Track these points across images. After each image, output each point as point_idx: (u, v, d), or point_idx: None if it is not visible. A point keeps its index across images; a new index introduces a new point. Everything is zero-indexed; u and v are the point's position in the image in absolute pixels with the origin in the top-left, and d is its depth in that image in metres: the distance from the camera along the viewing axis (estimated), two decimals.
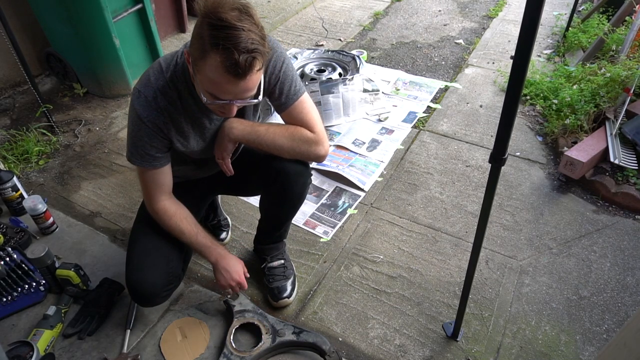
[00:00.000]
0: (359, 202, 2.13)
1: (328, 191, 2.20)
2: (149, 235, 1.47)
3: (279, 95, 1.34)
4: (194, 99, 1.26)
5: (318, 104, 2.49)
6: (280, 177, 1.46)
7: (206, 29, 1.03)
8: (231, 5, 1.03)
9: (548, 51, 3.25)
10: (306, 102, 1.38)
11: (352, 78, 2.57)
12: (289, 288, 1.70)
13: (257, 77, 1.11)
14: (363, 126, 2.57)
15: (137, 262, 1.43)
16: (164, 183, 1.38)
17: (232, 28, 1.01)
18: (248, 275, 1.52)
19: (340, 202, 2.13)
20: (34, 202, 1.88)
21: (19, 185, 2.03)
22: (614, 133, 2.20)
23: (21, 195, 2.04)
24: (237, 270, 1.47)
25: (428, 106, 2.75)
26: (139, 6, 2.71)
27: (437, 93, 2.87)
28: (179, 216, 1.40)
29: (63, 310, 1.64)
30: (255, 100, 1.18)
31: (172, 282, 1.48)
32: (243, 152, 1.58)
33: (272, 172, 1.46)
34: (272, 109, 2.41)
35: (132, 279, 1.42)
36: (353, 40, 3.55)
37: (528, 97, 2.74)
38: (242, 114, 1.39)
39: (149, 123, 1.24)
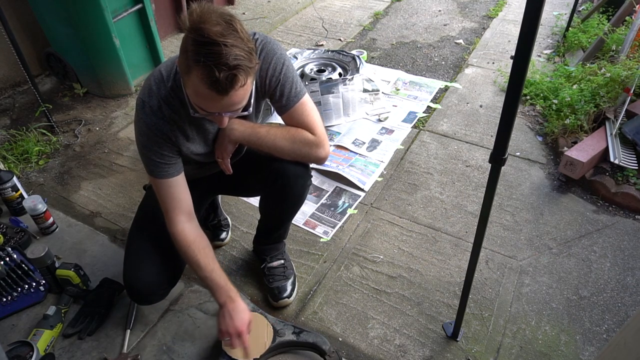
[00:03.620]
0: (359, 202, 2.13)
1: (328, 191, 2.20)
2: (147, 233, 1.47)
3: (280, 98, 1.34)
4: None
5: (318, 104, 2.49)
6: (280, 179, 1.46)
7: (190, 44, 1.02)
8: (215, 20, 1.01)
9: (548, 51, 3.25)
10: (307, 104, 1.38)
11: (352, 78, 2.57)
12: (289, 288, 1.70)
13: (242, 93, 1.08)
14: (363, 126, 2.57)
15: (134, 261, 1.44)
16: (181, 198, 1.34)
17: (214, 44, 0.99)
18: (250, 330, 1.39)
19: (340, 202, 2.13)
20: (34, 202, 1.88)
21: (19, 185, 2.03)
22: (614, 133, 2.20)
23: (21, 195, 2.04)
24: (243, 318, 1.35)
25: (428, 106, 2.75)
26: (139, 6, 2.71)
27: (437, 93, 2.87)
28: (196, 246, 1.33)
29: (63, 310, 1.64)
30: (245, 112, 1.17)
31: (168, 280, 1.48)
32: (244, 153, 1.58)
33: (272, 173, 1.46)
34: (272, 109, 2.41)
35: (128, 277, 1.43)
36: (353, 40, 3.55)
37: (528, 97, 2.74)
38: (243, 115, 1.39)
39: (157, 131, 1.24)
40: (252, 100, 1.19)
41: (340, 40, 3.55)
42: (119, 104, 2.85)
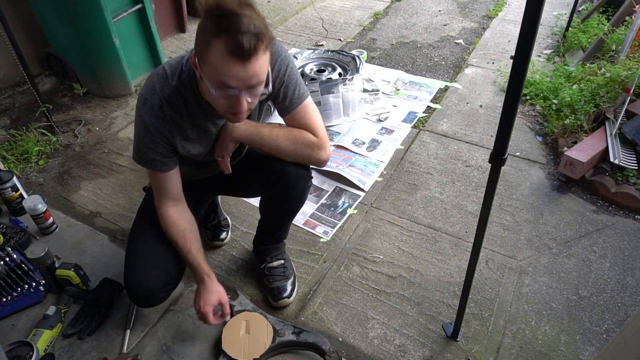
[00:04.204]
0: (359, 202, 2.13)
1: (328, 191, 2.20)
2: (147, 235, 1.47)
3: (283, 99, 1.34)
4: (200, 106, 1.26)
5: (318, 104, 2.49)
6: (281, 180, 1.46)
7: (208, 21, 1.04)
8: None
9: (548, 51, 3.25)
10: (310, 106, 1.38)
11: (352, 78, 2.57)
12: (289, 288, 1.70)
13: (264, 62, 1.09)
14: (363, 126, 2.57)
15: (135, 263, 1.44)
16: (170, 189, 1.37)
17: (234, 15, 1.01)
18: (226, 313, 1.44)
19: (340, 202, 2.13)
20: (34, 202, 1.88)
21: (19, 185, 2.03)
22: (613, 133, 2.20)
23: (21, 195, 2.04)
24: (207, 299, 1.39)
25: (428, 106, 2.75)
26: (139, 6, 2.71)
27: (437, 93, 2.87)
28: (176, 228, 1.39)
29: (63, 310, 1.64)
30: (265, 90, 1.15)
31: (169, 282, 1.48)
32: (245, 154, 1.58)
33: (272, 174, 1.46)
34: (272, 109, 2.41)
35: (129, 280, 1.43)
36: (353, 40, 3.55)
37: (528, 97, 2.74)
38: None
39: (155, 131, 1.24)
40: (270, 79, 1.17)
41: (340, 40, 3.55)
42: (119, 104, 2.85)
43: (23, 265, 1.74)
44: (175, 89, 1.23)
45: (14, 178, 2.01)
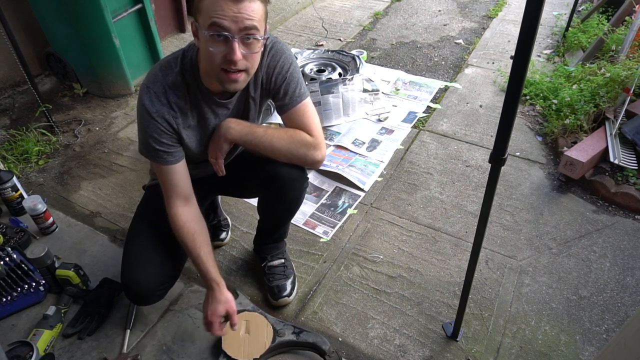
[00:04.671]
0: (359, 202, 2.13)
1: (328, 191, 2.20)
2: (145, 233, 1.47)
3: (283, 96, 1.35)
4: (200, 91, 1.27)
5: (318, 104, 2.49)
6: (276, 182, 1.46)
7: None
8: None
9: (548, 51, 3.26)
10: (308, 107, 1.39)
11: (352, 78, 2.57)
12: (288, 287, 1.70)
13: (257, 8, 1.11)
14: (363, 126, 2.57)
15: (132, 261, 1.44)
16: (179, 185, 1.35)
17: None
18: (234, 323, 1.38)
19: (340, 202, 2.13)
20: (34, 202, 1.88)
21: (19, 185, 2.03)
22: (613, 133, 2.20)
23: (21, 195, 2.04)
24: (215, 309, 1.35)
25: (428, 106, 2.75)
26: (139, 6, 2.71)
27: (437, 93, 2.87)
28: (186, 230, 1.35)
29: (63, 310, 1.64)
30: (259, 37, 1.15)
31: (166, 281, 1.48)
32: (240, 154, 1.58)
33: (267, 176, 1.46)
34: (272, 109, 2.41)
35: (126, 278, 1.43)
36: (353, 40, 3.55)
37: (528, 97, 2.74)
38: (245, 115, 1.39)
39: (158, 117, 1.24)
40: (266, 26, 1.18)
41: (340, 40, 3.55)
42: (119, 104, 2.85)
43: (23, 265, 1.74)
44: (179, 73, 1.24)
45: (14, 178, 2.01)
